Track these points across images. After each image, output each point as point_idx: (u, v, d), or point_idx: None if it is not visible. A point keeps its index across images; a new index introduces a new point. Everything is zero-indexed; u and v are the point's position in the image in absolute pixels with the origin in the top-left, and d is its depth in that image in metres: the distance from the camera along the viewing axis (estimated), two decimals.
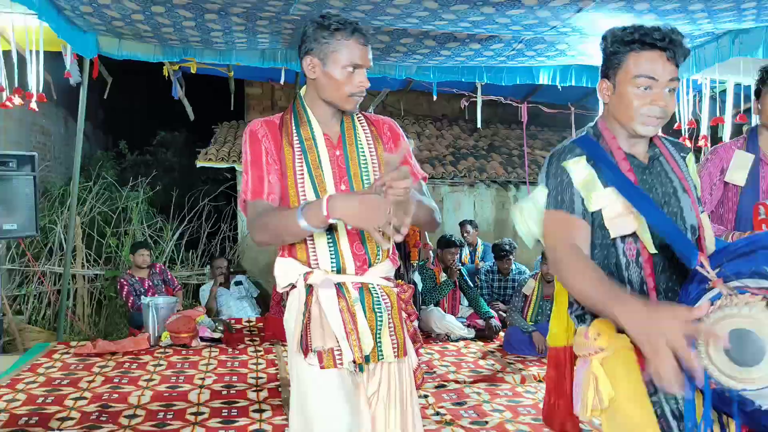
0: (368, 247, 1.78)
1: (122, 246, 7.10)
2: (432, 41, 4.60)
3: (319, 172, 1.75)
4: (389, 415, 1.79)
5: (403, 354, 1.81)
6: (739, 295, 1.34)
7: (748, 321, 1.30)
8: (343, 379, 1.71)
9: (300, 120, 1.79)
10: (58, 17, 4.12)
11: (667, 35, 1.56)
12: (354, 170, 1.78)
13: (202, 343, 5.17)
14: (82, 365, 4.52)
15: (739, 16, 3.73)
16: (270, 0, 3.70)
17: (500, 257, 6.08)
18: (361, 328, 1.72)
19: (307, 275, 1.75)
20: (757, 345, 1.28)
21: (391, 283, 1.84)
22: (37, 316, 6.47)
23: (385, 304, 1.79)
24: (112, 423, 3.39)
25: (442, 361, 4.79)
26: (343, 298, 1.73)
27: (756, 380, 1.30)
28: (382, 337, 1.77)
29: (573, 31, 4.22)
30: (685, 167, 1.73)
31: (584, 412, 1.61)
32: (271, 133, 1.77)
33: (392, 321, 1.80)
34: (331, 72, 1.72)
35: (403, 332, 1.82)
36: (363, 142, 1.83)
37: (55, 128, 9.26)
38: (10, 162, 4.97)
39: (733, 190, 2.47)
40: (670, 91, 1.59)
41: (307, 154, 1.75)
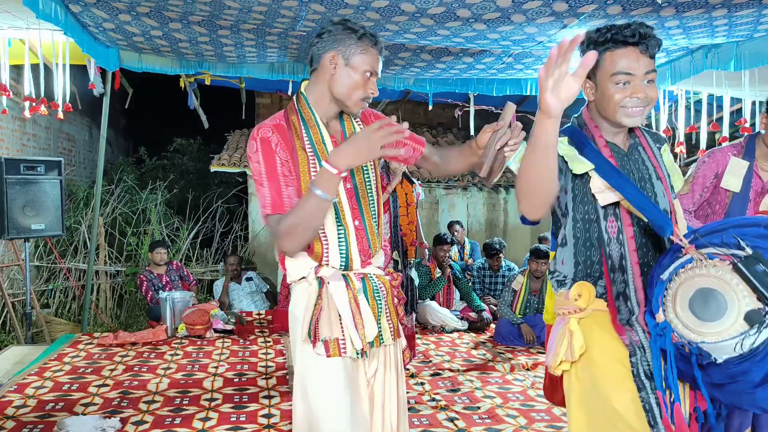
0: (371, 241, 1.76)
1: (142, 244, 7.10)
2: (428, 55, 4.61)
3: None
4: (385, 393, 1.79)
5: (397, 335, 1.83)
6: (709, 260, 1.38)
7: (714, 281, 1.34)
8: (345, 367, 1.69)
9: (308, 122, 1.72)
10: (83, 33, 4.12)
11: (636, 31, 1.55)
12: (356, 169, 1.76)
13: (215, 334, 5.17)
14: (104, 355, 4.51)
15: (711, 32, 3.74)
16: (278, 17, 3.70)
17: (491, 255, 6.08)
18: (366, 317, 1.71)
19: (317, 269, 1.72)
20: (719, 303, 1.33)
21: (384, 272, 1.84)
22: (63, 309, 6.47)
23: (381, 291, 1.78)
24: (132, 408, 3.40)
25: (437, 351, 4.78)
26: (350, 290, 1.72)
27: (714, 334, 1.35)
28: (382, 322, 1.76)
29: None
30: (660, 156, 1.74)
31: (554, 363, 1.63)
32: (283, 139, 1.68)
33: (387, 306, 1.79)
34: (352, 72, 1.68)
35: (396, 316, 1.83)
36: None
37: (79, 135, 9.26)
38: (38, 167, 4.98)
39: (723, 194, 2.44)
40: (649, 81, 1.58)
41: (320, 158, 1.68)
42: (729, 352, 1.33)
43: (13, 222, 4.79)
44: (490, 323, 5.51)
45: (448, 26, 3.72)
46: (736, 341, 1.32)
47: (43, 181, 4.98)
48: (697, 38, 3.91)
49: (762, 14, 3.36)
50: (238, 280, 6.35)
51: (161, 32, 4.12)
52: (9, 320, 5.54)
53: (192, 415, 3.30)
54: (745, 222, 1.50)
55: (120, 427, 3.10)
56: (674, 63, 4.55)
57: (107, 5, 3.61)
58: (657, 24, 3.57)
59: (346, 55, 1.67)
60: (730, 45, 3.97)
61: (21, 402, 3.45)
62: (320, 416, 1.66)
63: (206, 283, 7.26)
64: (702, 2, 3.18)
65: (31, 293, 5.13)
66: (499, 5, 3.32)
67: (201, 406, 3.44)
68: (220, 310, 5.41)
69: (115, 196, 7.50)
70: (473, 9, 3.38)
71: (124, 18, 3.83)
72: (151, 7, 3.61)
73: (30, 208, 4.90)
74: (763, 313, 1.30)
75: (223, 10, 3.58)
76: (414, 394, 3.70)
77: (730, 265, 1.35)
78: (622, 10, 3.35)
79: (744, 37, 3.84)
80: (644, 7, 3.28)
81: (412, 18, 3.58)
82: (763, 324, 1.29)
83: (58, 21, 3.57)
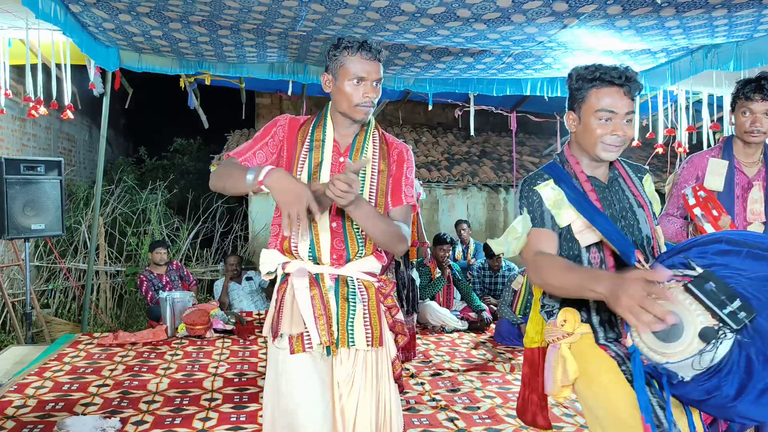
0: (349, 245, 1.78)
1: (142, 244, 7.10)
2: (428, 55, 4.60)
3: (317, 172, 1.78)
4: (363, 401, 1.75)
5: (379, 344, 1.78)
6: (667, 282, 1.42)
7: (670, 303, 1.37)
8: (315, 361, 1.72)
9: (319, 123, 1.84)
10: (83, 33, 4.12)
11: (623, 74, 1.65)
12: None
13: (215, 334, 5.16)
14: (104, 355, 4.51)
15: (711, 32, 3.74)
16: (278, 17, 3.70)
17: (491, 255, 6.07)
18: (333, 315, 1.74)
19: (285, 265, 1.79)
20: (678, 324, 1.37)
21: (373, 278, 1.84)
22: (63, 309, 6.47)
23: (361, 295, 1.78)
24: (133, 408, 3.39)
25: (437, 351, 4.78)
26: (317, 287, 1.75)
27: (676, 354, 1.39)
28: (355, 325, 1.75)
29: (558, 46, 4.22)
30: (641, 186, 1.83)
31: (555, 388, 1.70)
32: (290, 128, 1.83)
33: (368, 312, 1.78)
34: (340, 85, 1.75)
35: (380, 323, 1.80)
36: (368, 155, 1.82)
37: (79, 135, 9.26)
38: (38, 167, 4.98)
39: None
40: (627, 121, 1.68)
41: (312, 153, 1.79)
42: (691, 371, 1.39)
43: (13, 222, 4.79)
44: (490, 323, 5.50)
45: (448, 26, 3.72)
46: (693, 359, 1.36)
47: (43, 181, 4.98)
48: (697, 38, 3.91)
49: (762, 14, 3.35)
50: (238, 279, 6.35)
51: (161, 32, 4.12)
52: (9, 320, 5.54)
53: (192, 415, 3.30)
54: (708, 239, 1.54)
55: (120, 427, 3.10)
56: (674, 63, 4.55)
57: (107, 5, 3.61)
58: (657, 24, 3.57)
59: (334, 72, 1.77)
60: (730, 45, 3.97)
61: (21, 402, 3.45)
62: (287, 408, 1.69)
63: (206, 283, 7.26)
64: (702, 2, 3.18)
65: (31, 293, 5.13)
66: (499, 5, 3.32)
67: (201, 406, 3.44)
68: (220, 310, 5.41)
69: (115, 196, 7.50)
70: (473, 9, 3.38)
71: (124, 18, 3.83)
72: (151, 7, 3.61)
73: (30, 208, 4.90)
74: (716, 329, 1.33)
75: (223, 10, 3.58)
76: (414, 394, 3.70)
77: (682, 286, 1.40)
78: (622, 10, 3.34)
79: (744, 37, 3.84)
80: (644, 7, 3.28)
81: (412, 18, 3.57)
82: (718, 340, 1.33)
83: (58, 21, 3.57)
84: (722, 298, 1.34)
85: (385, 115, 9.70)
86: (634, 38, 3.91)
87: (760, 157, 2.44)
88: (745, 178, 2.43)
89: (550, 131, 8.30)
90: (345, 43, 1.75)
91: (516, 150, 8.68)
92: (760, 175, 2.42)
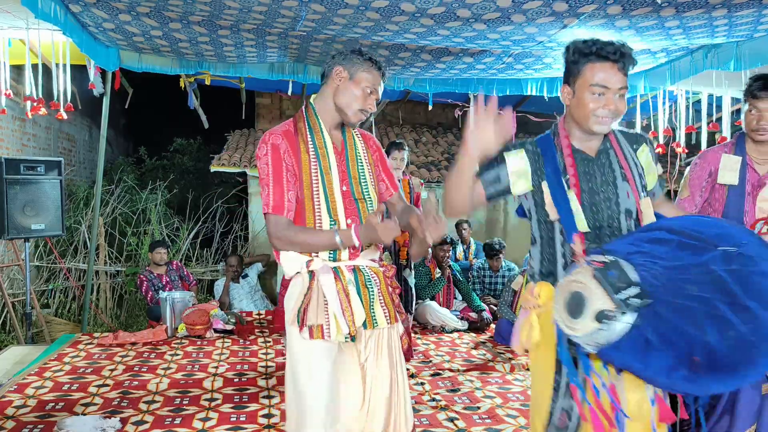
0: None
1: (142, 244, 7.10)
2: (428, 55, 4.60)
3: (329, 176, 1.94)
4: (381, 372, 1.95)
5: (394, 320, 2.01)
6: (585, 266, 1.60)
7: (580, 285, 1.58)
8: (329, 349, 1.88)
9: (313, 128, 1.97)
10: (82, 33, 4.12)
11: (618, 49, 1.70)
12: (353, 173, 1.99)
13: (215, 334, 5.16)
14: (104, 355, 4.51)
15: (711, 32, 3.73)
16: (278, 17, 3.70)
17: (491, 255, 6.08)
18: (354, 306, 1.90)
19: (308, 263, 1.92)
20: (584, 304, 1.56)
21: (378, 264, 2.05)
22: (63, 309, 6.47)
23: (374, 280, 1.99)
24: (133, 408, 3.39)
25: (437, 351, 4.78)
26: (339, 281, 1.91)
27: (579, 329, 1.57)
28: (375, 308, 1.95)
29: (558, 46, 4.22)
30: (634, 158, 1.85)
31: (518, 346, 1.87)
32: (291, 145, 1.93)
33: (381, 294, 1.99)
34: (354, 85, 1.93)
35: (392, 302, 2.02)
36: (360, 150, 2.05)
37: (79, 135, 9.27)
38: (38, 167, 4.98)
39: (720, 191, 2.47)
40: (620, 96, 1.73)
41: (321, 160, 1.94)
42: (591, 345, 1.58)
43: (13, 222, 4.79)
44: (490, 323, 5.50)
45: (448, 26, 3.72)
46: (591, 336, 1.55)
47: (43, 181, 4.98)
48: (697, 38, 3.91)
49: (762, 14, 3.35)
50: (238, 280, 6.35)
51: (161, 32, 4.12)
52: (9, 320, 5.54)
53: (192, 415, 3.30)
54: (651, 227, 1.69)
55: (120, 427, 3.10)
56: (674, 63, 4.55)
57: (107, 5, 3.60)
58: (657, 24, 3.57)
59: (351, 70, 1.94)
60: (730, 45, 3.97)
61: (21, 402, 3.45)
62: (306, 394, 1.86)
63: (206, 283, 7.26)
64: (702, 2, 3.18)
65: (31, 293, 5.13)
66: (499, 5, 3.32)
67: (201, 406, 3.44)
68: (220, 310, 5.41)
69: (115, 196, 7.50)
70: (473, 9, 3.38)
71: (124, 18, 3.83)
72: (151, 7, 3.61)
73: (30, 208, 4.90)
74: (610, 312, 1.52)
75: (223, 10, 3.58)
76: (414, 394, 3.70)
77: (592, 270, 1.57)
78: (622, 10, 3.34)
79: (744, 37, 3.84)
80: (644, 7, 3.28)
81: (412, 18, 3.57)
82: (611, 321, 1.52)
83: (58, 21, 3.57)
84: (619, 285, 1.52)
85: (385, 115, 9.69)
86: (634, 38, 3.91)
87: None
88: (756, 176, 2.42)
89: None
90: (368, 55, 1.95)
91: None
92: None
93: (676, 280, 1.51)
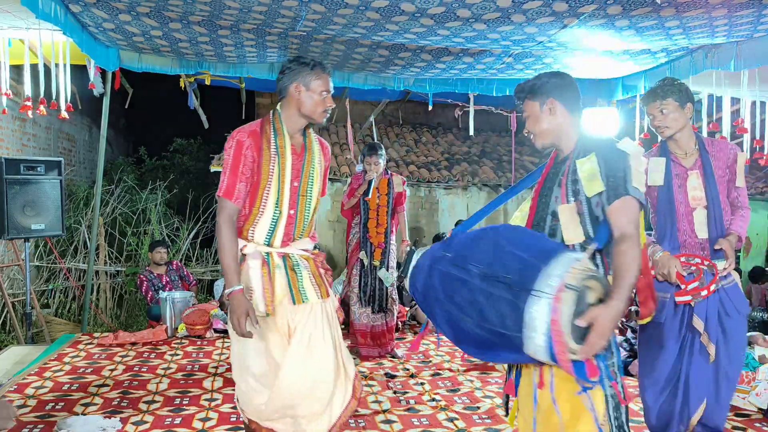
0: (296, 230, 2.32)
1: (142, 244, 7.10)
2: (428, 55, 4.60)
3: (284, 172, 2.26)
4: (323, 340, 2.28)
5: (325, 296, 2.35)
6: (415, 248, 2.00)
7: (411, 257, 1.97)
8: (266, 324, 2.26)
9: (277, 132, 2.28)
10: (83, 33, 4.12)
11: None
12: (306, 172, 2.32)
13: (215, 334, 5.16)
14: (104, 355, 4.51)
15: (711, 32, 3.73)
16: (278, 17, 3.70)
17: None
18: (277, 288, 2.26)
19: (243, 247, 2.26)
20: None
21: (308, 253, 2.39)
22: (63, 309, 6.47)
23: (303, 264, 2.34)
24: (132, 408, 3.39)
25: (437, 351, 4.78)
26: (266, 265, 2.26)
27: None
28: (305, 286, 2.30)
29: (558, 46, 4.22)
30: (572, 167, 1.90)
31: None
32: (254, 143, 2.25)
33: (312, 275, 2.34)
34: (312, 94, 2.24)
35: (323, 282, 2.37)
36: (316, 154, 2.36)
37: (79, 135, 9.26)
38: (38, 167, 4.98)
39: (652, 190, 2.66)
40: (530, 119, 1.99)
41: (279, 159, 2.26)
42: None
43: (13, 222, 4.79)
44: None
45: (448, 26, 3.72)
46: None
47: (43, 181, 4.98)
48: (697, 38, 3.91)
49: (762, 14, 3.35)
50: None
51: (161, 32, 4.12)
52: (9, 320, 5.54)
53: (192, 415, 3.30)
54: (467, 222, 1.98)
55: (120, 427, 3.10)
56: (674, 63, 4.55)
57: (107, 5, 3.60)
58: (657, 24, 3.57)
59: (306, 82, 2.23)
60: (730, 45, 3.97)
61: (21, 402, 3.45)
62: (234, 352, 2.35)
63: (206, 283, 7.26)
64: (702, 2, 3.18)
65: (31, 293, 5.13)
66: (499, 5, 3.32)
67: (201, 406, 3.44)
68: (220, 310, 5.41)
69: (115, 196, 7.50)
70: (473, 9, 3.38)
71: (124, 18, 3.83)
72: (151, 7, 3.61)
73: (30, 208, 4.90)
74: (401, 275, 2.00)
75: (223, 10, 3.58)
76: (414, 394, 3.70)
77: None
78: (622, 10, 3.34)
79: (744, 37, 3.84)
80: (644, 7, 3.28)
81: (412, 18, 3.57)
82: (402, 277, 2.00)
83: (58, 21, 3.57)
84: (403, 267, 1.96)
85: (385, 115, 9.69)
86: (634, 38, 3.91)
87: (695, 148, 2.62)
88: (682, 169, 2.61)
89: None
90: (313, 62, 2.24)
91: (516, 150, 8.68)
92: (696, 164, 2.59)
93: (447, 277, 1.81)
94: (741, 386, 3.64)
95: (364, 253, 4.50)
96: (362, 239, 4.53)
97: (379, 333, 4.57)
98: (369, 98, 8.54)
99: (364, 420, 3.26)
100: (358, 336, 4.58)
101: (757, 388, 3.52)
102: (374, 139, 6.97)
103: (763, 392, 3.49)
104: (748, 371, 3.67)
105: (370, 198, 4.46)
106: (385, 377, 4.06)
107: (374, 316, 4.55)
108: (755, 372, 3.65)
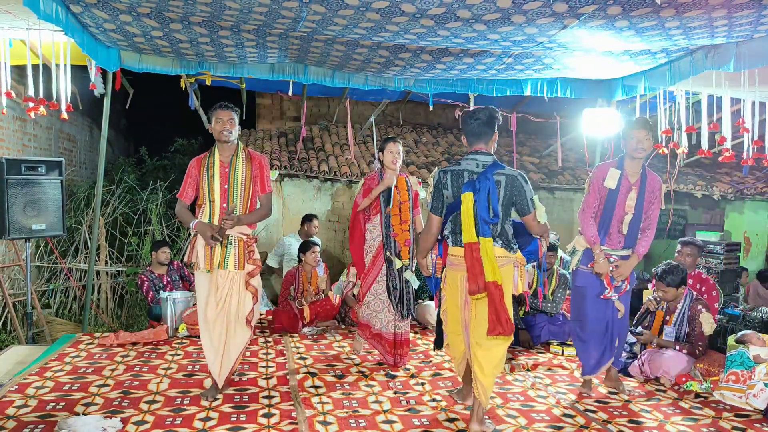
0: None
1: (142, 244, 7.10)
2: (428, 56, 4.60)
3: (213, 181, 3.53)
4: (235, 296, 3.58)
5: (241, 268, 3.56)
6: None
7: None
8: (205, 275, 3.57)
9: (212, 156, 3.59)
10: (83, 33, 4.12)
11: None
12: (232, 179, 3.53)
13: None
14: (105, 355, 4.52)
15: (711, 32, 3.73)
16: (279, 18, 3.70)
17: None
18: (215, 256, 3.53)
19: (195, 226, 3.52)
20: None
21: (244, 236, 3.58)
22: (63, 309, 6.47)
23: (234, 243, 3.55)
24: (133, 408, 3.40)
25: (437, 351, 4.77)
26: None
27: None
28: (229, 259, 3.53)
29: (558, 47, 4.22)
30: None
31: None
32: (197, 165, 3.60)
33: (237, 252, 3.55)
34: (215, 124, 3.55)
35: (243, 258, 3.57)
36: (240, 166, 3.56)
37: (80, 136, 9.27)
38: (39, 167, 4.98)
39: (604, 192, 3.67)
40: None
41: (209, 171, 3.55)
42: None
43: (14, 222, 4.79)
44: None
45: (448, 27, 3.72)
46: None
47: (43, 182, 4.98)
48: (697, 38, 3.91)
49: (762, 14, 3.35)
50: None
51: (162, 33, 4.12)
52: (10, 320, 5.54)
53: (192, 415, 3.30)
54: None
55: (121, 427, 3.10)
56: (674, 63, 4.55)
57: (108, 6, 3.61)
58: (657, 24, 3.57)
59: (211, 122, 3.57)
60: (730, 45, 3.97)
61: (22, 402, 3.45)
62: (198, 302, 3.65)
63: None
64: (702, 3, 3.18)
65: (32, 293, 5.13)
66: (500, 6, 3.32)
67: (201, 406, 3.44)
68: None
69: (115, 197, 7.50)
70: (473, 10, 3.38)
71: (124, 18, 3.83)
72: (152, 8, 3.61)
73: (31, 209, 4.90)
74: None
75: (223, 10, 3.58)
76: (414, 394, 3.70)
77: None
78: (622, 11, 3.34)
79: (744, 38, 3.84)
80: (644, 8, 3.28)
81: (413, 19, 3.57)
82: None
83: (59, 21, 3.57)
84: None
85: (386, 115, 9.70)
86: (634, 38, 3.91)
87: (640, 171, 3.67)
88: (628, 183, 3.65)
89: (550, 132, 8.30)
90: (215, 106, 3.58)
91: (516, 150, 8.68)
92: (637, 183, 3.66)
93: None
94: (737, 385, 3.64)
95: (390, 253, 4.28)
96: (386, 240, 4.31)
97: (403, 341, 4.33)
98: (369, 99, 8.54)
99: (365, 420, 3.26)
100: (385, 345, 4.32)
101: (755, 388, 3.52)
102: (374, 140, 6.98)
103: (760, 393, 3.49)
104: (744, 370, 3.66)
105: (391, 207, 4.30)
106: (386, 377, 4.06)
107: (400, 324, 4.32)
108: (751, 371, 3.64)
